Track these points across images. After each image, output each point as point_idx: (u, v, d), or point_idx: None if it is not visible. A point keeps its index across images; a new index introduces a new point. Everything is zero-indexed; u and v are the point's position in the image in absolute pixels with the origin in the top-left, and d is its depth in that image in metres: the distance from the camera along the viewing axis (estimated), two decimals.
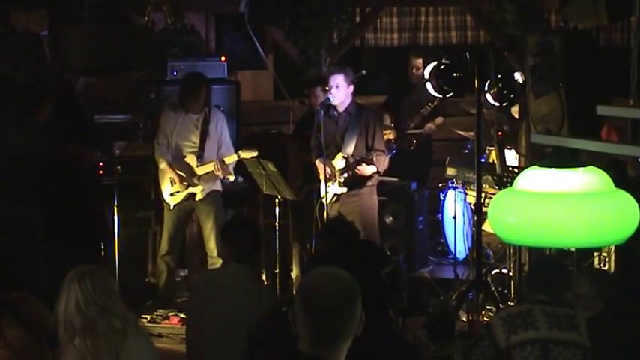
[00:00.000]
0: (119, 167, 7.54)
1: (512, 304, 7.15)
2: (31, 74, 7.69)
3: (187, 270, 8.55)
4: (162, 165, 7.97)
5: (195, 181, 7.93)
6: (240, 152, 7.93)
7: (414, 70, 9.67)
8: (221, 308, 4.92)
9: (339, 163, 7.77)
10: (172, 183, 7.95)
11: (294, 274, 8.27)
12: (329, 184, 7.73)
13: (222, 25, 10.25)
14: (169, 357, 6.81)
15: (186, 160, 7.96)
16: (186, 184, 7.92)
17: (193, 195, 7.97)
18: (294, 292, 6.11)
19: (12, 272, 5.10)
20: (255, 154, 7.84)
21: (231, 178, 8.07)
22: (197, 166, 7.93)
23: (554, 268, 4.83)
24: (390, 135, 8.84)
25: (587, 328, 4.67)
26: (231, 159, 7.93)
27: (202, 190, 7.97)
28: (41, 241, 6.87)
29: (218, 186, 8.11)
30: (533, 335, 4.54)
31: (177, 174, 7.91)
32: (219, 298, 4.95)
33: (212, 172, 7.90)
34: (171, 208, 8.01)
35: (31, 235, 6.88)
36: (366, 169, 7.77)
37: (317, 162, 7.80)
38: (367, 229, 7.82)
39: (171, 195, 7.98)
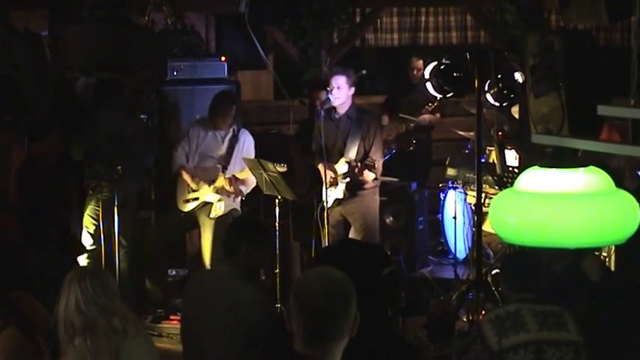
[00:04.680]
0: (119, 167, 7.52)
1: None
2: (31, 74, 7.69)
3: (187, 270, 8.54)
4: (174, 168, 8.06)
5: (213, 192, 7.94)
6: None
7: (415, 72, 9.66)
8: (211, 309, 4.91)
9: (341, 167, 7.75)
10: (188, 190, 7.96)
11: (294, 274, 8.27)
12: (331, 188, 7.72)
13: (222, 25, 10.25)
14: (169, 357, 6.81)
15: (211, 169, 7.99)
16: (197, 195, 7.93)
17: (207, 205, 7.97)
18: None
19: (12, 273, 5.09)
20: (284, 168, 7.63)
21: (246, 191, 8.07)
22: (219, 175, 7.94)
23: (529, 263, 4.78)
24: (389, 136, 8.78)
25: (580, 324, 4.65)
26: (243, 174, 7.94)
27: (220, 202, 7.96)
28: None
29: (237, 204, 8.11)
30: (525, 338, 4.52)
31: (192, 178, 7.92)
32: (209, 298, 4.94)
33: (224, 187, 7.91)
34: (182, 214, 8.04)
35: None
36: (368, 176, 7.77)
37: (319, 166, 7.79)
38: (368, 229, 7.81)
39: (186, 202, 7.99)
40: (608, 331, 5.01)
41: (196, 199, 7.99)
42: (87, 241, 7.85)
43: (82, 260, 7.80)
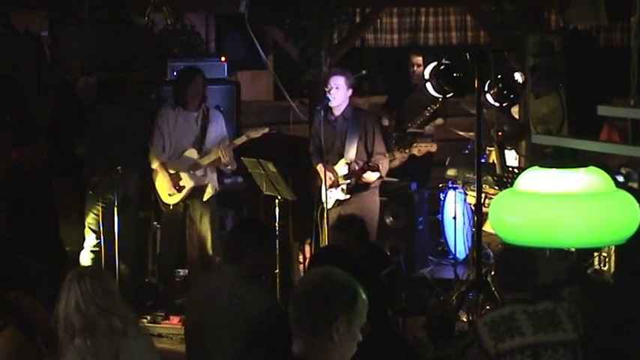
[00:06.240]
0: (119, 167, 7.52)
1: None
2: (31, 74, 7.69)
3: (187, 270, 8.54)
4: (155, 165, 7.97)
5: (199, 175, 7.92)
6: (249, 132, 7.92)
7: (414, 68, 9.65)
8: (216, 309, 4.92)
9: (341, 169, 7.76)
10: (170, 184, 7.95)
11: (294, 274, 8.27)
12: (331, 189, 7.72)
13: (222, 25, 10.25)
14: (169, 357, 6.81)
15: (186, 154, 7.95)
16: (181, 184, 7.91)
17: (195, 191, 7.95)
18: None
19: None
20: (265, 130, 7.84)
21: (233, 167, 8.04)
22: (199, 158, 7.92)
23: (522, 262, 4.73)
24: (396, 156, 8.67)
25: (575, 319, 4.64)
26: (239, 140, 7.92)
27: (210, 183, 7.95)
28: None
29: (216, 185, 8.11)
30: (521, 342, 4.51)
31: (169, 174, 7.90)
32: (214, 299, 4.95)
33: (217, 159, 7.88)
34: (170, 207, 8.02)
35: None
36: (371, 176, 7.76)
37: (318, 167, 7.78)
38: None
39: (170, 195, 7.96)
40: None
41: (181, 188, 7.96)
42: (90, 240, 7.85)
43: (86, 259, 7.80)
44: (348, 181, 7.73)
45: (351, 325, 2.84)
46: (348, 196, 7.77)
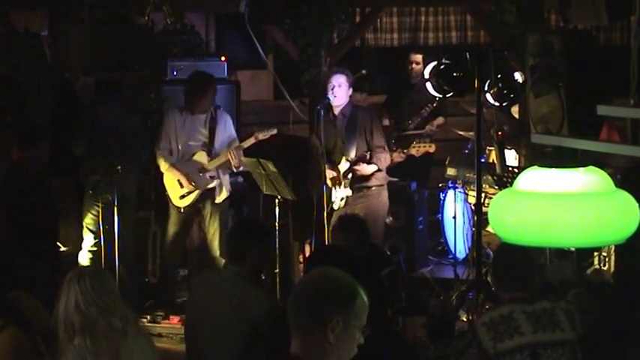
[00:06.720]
0: (119, 167, 7.51)
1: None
2: (31, 74, 7.69)
3: (187, 270, 8.54)
4: (165, 167, 7.96)
5: (208, 177, 7.92)
6: (257, 134, 7.91)
7: (413, 65, 9.65)
8: (216, 309, 4.93)
9: (344, 166, 7.77)
10: (181, 185, 7.93)
11: (294, 274, 8.27)
12: (336, 187, 7.72)
13: (222, 25, 10.25)
14: (169, 357, 6.81)
15: (194, 157, 7.94)
16: (195, 183, 7.89)
17: (207, 193, 7.94)
18: None
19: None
20: (274, 131, 7.86)
21: (245, 168, 8.03)
22: (209, 161, 7.92)
23: (520, 261, 4.68)
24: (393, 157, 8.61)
25: (573, 317, 4.64)
26: (248, 142, 7.91)
27: (221, 185, 7.95)
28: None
29: (229, 186, 8.11)
30: (520, 342, 4.51)
31: (183, 174, 7.89)
32: (214, 299, 4.96)
33: (227, 161, 7.87)
34: (182, 210, 7.99)
35: None
36: (366, 169, 7.76)
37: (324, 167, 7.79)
38: (370, 229, 7.80)
39: (182, 197, 7.95)
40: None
41: (189, 193, 7.95)
42: (88, 240, 7.85)
43: (84, 260, 7.80)
44: (349, 175, 7.74)
45: (348, 326, 2.81)
46: (350, 192, 7.76)
